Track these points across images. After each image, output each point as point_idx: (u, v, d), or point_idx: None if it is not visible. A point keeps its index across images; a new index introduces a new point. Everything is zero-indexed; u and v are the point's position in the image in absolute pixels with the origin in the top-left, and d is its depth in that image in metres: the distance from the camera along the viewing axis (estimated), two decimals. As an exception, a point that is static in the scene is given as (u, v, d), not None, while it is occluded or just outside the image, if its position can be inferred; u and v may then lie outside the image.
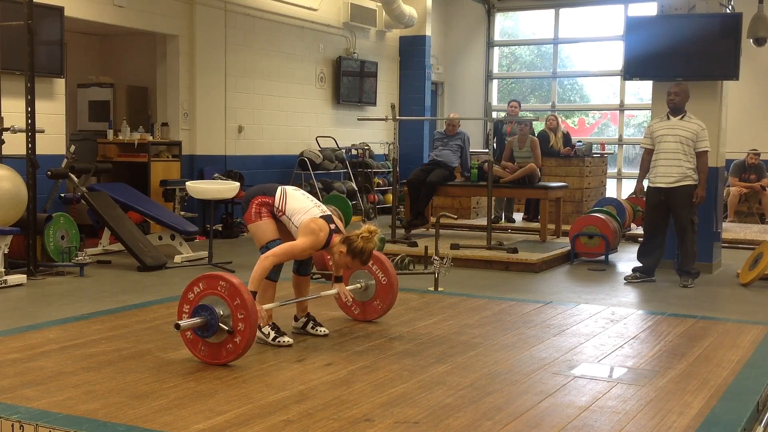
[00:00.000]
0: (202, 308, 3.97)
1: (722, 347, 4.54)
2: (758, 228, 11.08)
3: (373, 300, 5.00)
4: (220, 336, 3.97)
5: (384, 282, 4.94)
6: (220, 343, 3.99)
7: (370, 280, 4.96)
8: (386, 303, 4.99)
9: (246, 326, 3.91)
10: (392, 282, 4.94)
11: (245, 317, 3.90)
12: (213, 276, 4.03)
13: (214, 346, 4.01)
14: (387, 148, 14.20)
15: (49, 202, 8.62)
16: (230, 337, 3.94)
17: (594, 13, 15.68)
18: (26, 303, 6.38)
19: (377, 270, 4.93)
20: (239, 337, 3.93)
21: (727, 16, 8.19)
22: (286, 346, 4.36)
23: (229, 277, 3.99)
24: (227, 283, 3.95)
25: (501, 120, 11.32)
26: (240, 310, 3.90)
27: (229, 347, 3.98)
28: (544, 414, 3.36)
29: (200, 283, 4.03)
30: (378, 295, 4.97)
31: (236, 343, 3.94)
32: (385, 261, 4.95)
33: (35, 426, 3.10)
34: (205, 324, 3.95)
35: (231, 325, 3.93)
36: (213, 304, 3.95)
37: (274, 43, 11.82)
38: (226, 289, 3.95)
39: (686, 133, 7.28)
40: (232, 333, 3.93)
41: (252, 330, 3.94)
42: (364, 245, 4.37)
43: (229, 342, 3.97)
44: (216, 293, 3.97)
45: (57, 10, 8.64)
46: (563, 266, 8.53)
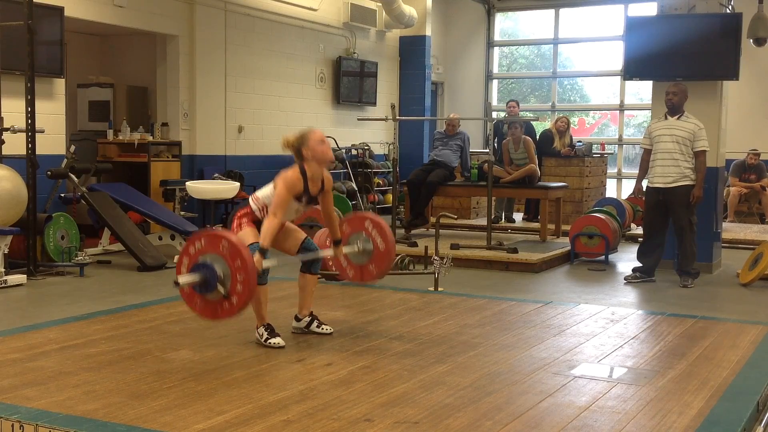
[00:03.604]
0: (201, 265, 3.94)
1: (722, 347, 4.53)
2: (758, 228, 11.08)
3: (368, 264, 4.97)
4: (217, 294, 3.95)
5: (381, 248, 4.91)
6: (217, 301, 3.98)
7: (368, 244, 4.94)
8: (381, 269, 4.97)
9: (244, 288, 3.89)
10: (389, 249, 4.91)
11: (244, 279, 3.88)
12: (215, 235, 4.01)
13: (210, 302, 3.99)
14: (387, 148, 14.19)
15: (49, 202, 8.62)
16: (228, 295, 3.93)
17: (594, 13, 15.67)
18: (26, 303, 6.38)
19: (376, 235, 4.91)
20: (236, 298, 3.92)
21: (727, 16, 8.19)
22: (278, 348, 4.33)
23: (231, 237, 3.96)
24: (229, 244, 3.93)
25: (501, 120, 11.32)
26: (239, 272, 3.89)
27: (225, 306, 3.96)
28: (544, 414, 3.36)
29: (201, 239, 4.01)
30: (374, 259, 4.95)
31: (233, 303, 3.94)
32: (385, 228, 4.92)
33: (35, 426, 3.10)
34: (204, 281, 3.93)
35: (229, 285, 3.91)
36: (213, 261, 3.93)
37: (274, 43, 11.82)
38: (228, 249, 3.92)
39: (683, 133, 7.28)
40: (229, 295, 3.91)
41: (250, 292, 3.92)
42: (293, 135, 4.42)
43: (225, 300, 3.95)
44: (217, 252, 3.95)
45: (57, 10, 8.64)
46: (563, 266, 8.53)
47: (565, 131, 11.61)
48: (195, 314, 4.08)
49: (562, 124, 11.63)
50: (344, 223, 4.96)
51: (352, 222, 4.95)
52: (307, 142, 4.43)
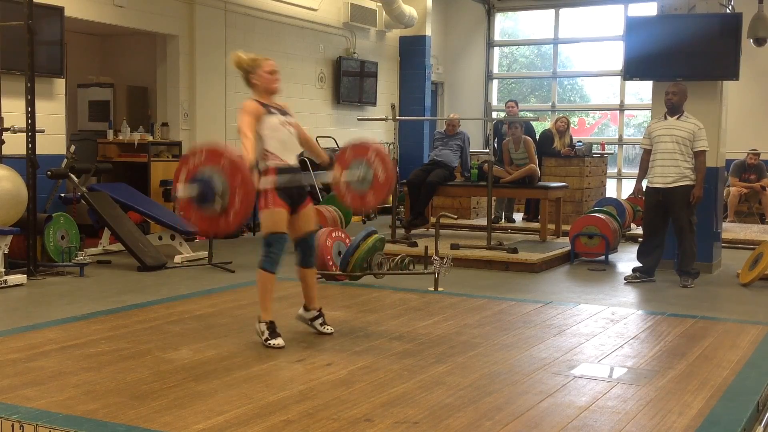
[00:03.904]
0: (200, 178, 3.94)
1: (722, 347, 4.53)
2: (758, 228, 11.08)
3: (367, 193, 4.97)
4: (216, 204, 3.96)
5: (381, 179, 4.93)
6: (214, 215, 3.99)
7: (369, 173, 4.95)
8: (378, 199, 4.99)
9: (242, 204, 3.91)
10: (389, 180, 4.93)
11: (243, 196, 3.90)
12: (216, 151, 4.01)
13: (206, 216, 4.01)
14: (387, 148, 14.17)
15: (49, 202, 8.62)
16: (225, 210, 3.95)
17: (594, 13, 15.67)
18: (26, 303, 6.38)
19: (378, 165, 4.92)
20: (233, 214, 3.93)
21: (727, 16, 8.19)
22: (278, 349, 4.32)
23: (233, 155, 3.97)
24: (230, 161, 3.94)
25: (501, 120, 11.32)
26: (239, 188, 3.90)
27: (221, 221, 3.98)
28: (544, 414, 3.36)
29: (202, 152, 4.01)
30: (373, 189, 4.96)
31: (230, 218, 3.95)
32: (387, 159, 4.93)
33: (35, 426, 3.10)
34: (202, 195, 3.93)
35: (227, 200, 3.92)
36: (212, 175, 3.93)
37: (274, 43, 11.82)
38: (228, 166, 3.93)
39: (683, 133, 7.28)
40: (225, 210, 3.92)
41: (247, 210, 3.95)
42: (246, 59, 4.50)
43: (222, 216, 3.97)
44: (216, 167, 3.95)
45: (57, 10, 8.64)
46: (563, 266, 8.53)
47: (565, 131, 11.60)
48: (191, 225, 4.11)
49: (562, 124, 11.62)
50: (349, 149, 4.95)
51: (356, 149, 4.94)
52: (256, 69, 4.47)
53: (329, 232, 6.90)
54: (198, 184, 3.94)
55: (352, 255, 6.37)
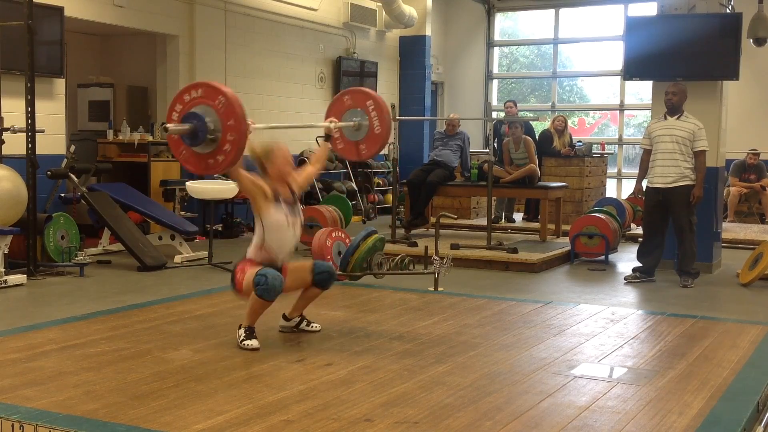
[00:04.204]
0: (193, 115, 3.89)
1: (722, 347, 4.53)
2: (758, 228, 11.08)
3: (360, 143, 4.94)
4: (204, 148, 3.93)
5: (377, 131, 4.89)
6: (202, 154, 3.96)
7: (364, 122, 4.90)
8: (371, 152, 4.97)
9: (233, 148, 3.88)
10: (384, 134, 4.91)
11: (234, 139, 3.87)
12: (214, 88, 3.97)
13: (196, 154, 3.99)
14: (387, 148, 14.18)
15: (49, 202, 8.62)
16: (214, 151, 3.91)
17: (594, 13, 15.68)
18: (26, 303, 6.38)
19: (375, 117, 4.87)
20: (222, 156, 3.90)
21: (727, 16, 8.19)
22: (252, 350, 4.27)
23: (230, 96, 3.93)
24: (226, 101, 3.89)
25: (501, 120, 11.32)
26: (231, 131, 3.87)
27: (210, 161, 3.95)
28: (544, 414, 3.36)
29: (199, 89, 3.96)
30: (366, 140, 4.92)
31: (218, 160, 3.93)
32: (385, 112, 4.90)
33: (35, 426, 3.10)
34: (193, 132, 3.90)
35: (218, 141, 3.89)
36: (205, 114, 3.89)
37: (274, 43, 11.82)
38: (224, 106, 3.88)
39: (683, 133, 7.28)
40: (215, 151, 3.90)
41: (237, 153, 3.92)
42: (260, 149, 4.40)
43: (211, 156, 3.93)
44: (212, 105, 3.91)
45: (57, 10, 8.64)
46: (563, 266, 8.53)
47: (564, 130, 11.61)
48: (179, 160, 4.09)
49: (560, 123, 11.64)
50: (348, 94, 4.92)
51: (354, 95, 4.91)
52: (269, 156, 4.41)
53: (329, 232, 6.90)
54: (190, 122, 3.89)
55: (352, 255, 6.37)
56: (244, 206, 10.84)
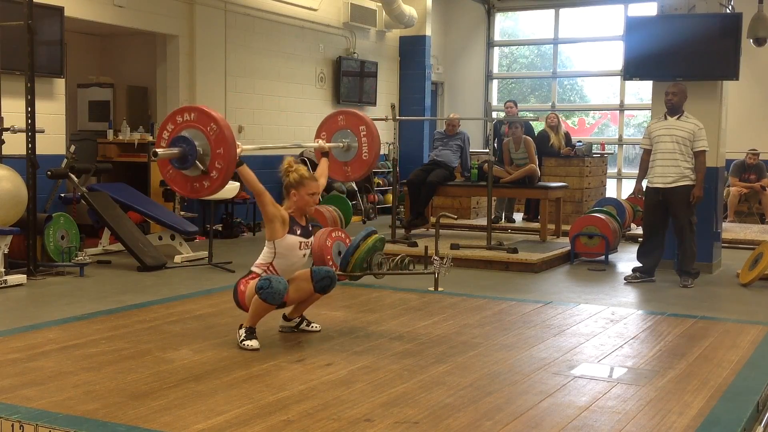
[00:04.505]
0: (183, 139, 3.91)
1: (722, 347, 4.53)
2: (758, 228, 11.08)
3: (346, 164, 5.01)
4: (191, 171, 3.96)
5: (364, 157, 4.96)
6: (189, 176, 4.00)
7: (354, 144, 4.95)
8: (356, 175, 5.09)
9: (219, 175, 3.94)
10: (371, 161, 5.00)
11: (222, 167, 3.91)
12: (207, 114, 3.99)
13: (183, 175, 4.03)
14: (387, 148, 14.18)
15: (49, 202, 8.62)
16: (201, 176, 3.95)
17: (594, 13, 15.68)
18: (26, 303, 6.38)
19: (365, 143, 4.92)
20: (208, 182, 3.95)
21: (727, 16, 8.19)
22: (252, 350, 4.27)
23: (222, 124, 3.96)
24: (218, 129, 3.92)
25: (501, 120, 11.32)
26: (219, 159, 3.91)
27: (195, 185, 4.00)
28: (544, 414, 3.36)
29: (192, 113, 3.99)
30: (353, 163, 4.99)
31: (204, 185, 3.97)
32: (376, 140, 4.95)
33: (35, 426, 3.10)
34: (183, 156, 3.92)
35: (206, 167, 3.93)
36: (196, 139, 3.91)
37: (274, 43, 11.82)
38: (215, 133, 3.91)
39: (683, 133, 7.28)
40: (206, 173, 3.94)
41: (224, 180, 3.98)
42: (296, 176, 4.40)
43: (197, 180, 3.97)
44: (203, 131, 3.94)
45: (57, 10, 8.64)
46: (563, 266, 8.53)
47: (557, 125, 11.64)
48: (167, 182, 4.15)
49: (553, 119, 11.67)
50: (342, 115, 4.98)
51: (349, 118, 4.97)
52: (300, 188, 4.42)
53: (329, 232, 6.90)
54: (179, 145, 3.91)
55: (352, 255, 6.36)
56: (244, 206, 10.84)
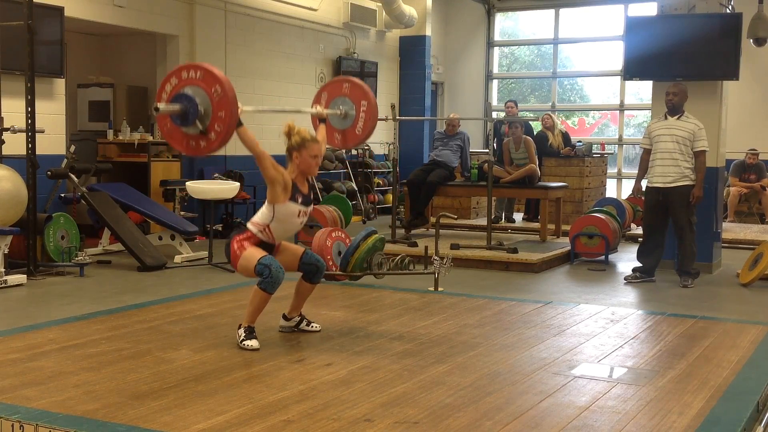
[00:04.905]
0: (185, 97, 3.91)
1: (722, 347, 4.53)
2: (758, 228, 11.08)
3: (337, 131, 4.99)
4: (191, 130, 3.96)
5: (357, 132, 4.94)
6: (188, 135, 4.00)
7: (351, 113, 4.94)
8: (344, 145, 5.06)
9: (217, 138, 3.94)
10: (362, 137, 4.98)
11: (221, 131, 3.92)
12: (213, 76, 3.98)
13: (181, 132, 4.02)
14: (387, 148, 14.19)
15: (49, 202, 8.62)
16: (198, 135, 3.96)
17: (594, 13, 15.68)
18: (26, 303, 6.38)
19: (362, 119, 4.91)
20: (205, 143, 3.95)
21: (727, 16, 8.19)
22: (252, 350, 4.27)
23: (227, 87, 3.95)
24: (222, 92, 3.92)
25: (501, 120, 11.33)
26: (219, 122, 3.91)
27: (192, 143, 4.00)
28: (544, 414, 3.36)
29: (198, 72, 3.98)
30: (345, 133, 4.98)
31: (200, 145, 3.98)
32: (374, 119, 4.94)
33: (35, 426, 3.10)
34: (184, 114, 3.92)
35: (206, 126, 3.93)
36: (199, 99, 3.91)
37: (274, 43, 11.82)
38: (219, 96, 3.91)
39: (683, 133, 7.28)
40: (205, 133, 3.93)
41: (221, 143, 3.98)
42: (298, 138, 4.38)
43: (194, 139, 3.97)
44: (207, 92, 3.94)
45: (57, 10, 8.64)
46: (563, 266, 8.53)
47: (553, 126, 11.64)
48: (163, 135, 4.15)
49: (548, 119, 11.67)
50: (349, 84, 4.95)
51: (354, 89, 4.93)
52: (302, 150, 4.41)
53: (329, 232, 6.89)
54: (181, 102, 3.90)
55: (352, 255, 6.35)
56: (244, 206, 10.84)
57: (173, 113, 3.95)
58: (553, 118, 11.93)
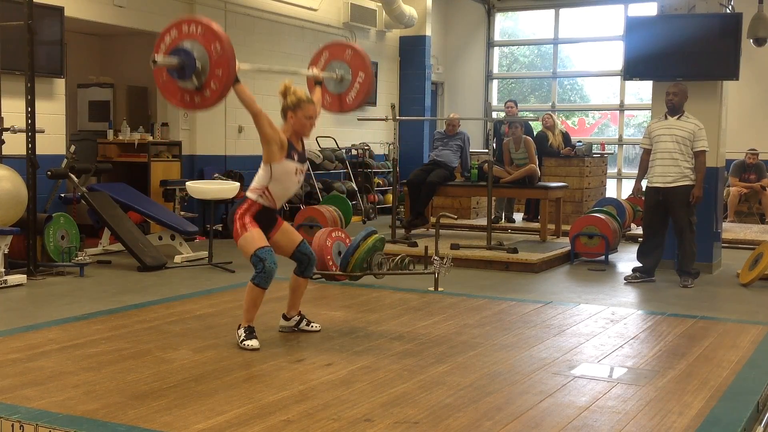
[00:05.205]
0: (184, 51, 3.90)
1: (722, 347, 4.53)
2: (758, 228, 11.08)
3: (328, 94, 4.97)
4: (186, 84, 3.95)
5: (348, 100, 4.94)
6: (184, 89, 3.99)
7: (347, 78, 4.91)
8: (331, 109, 5.04)
9: (212, 95, 3.93)
10: (351, 106, 4.97)
11: (216, 89, 3.91)
12: (214, 33, 3.96)
13: (176, 85, 4.01)
14: (387, 148, 14.19)
15: (49, 202, 8.62)
16: (193, 91, 3.95)
17: (594, 13, 15.68)
18: (26, 303, 6.38)
19: (356, 89, 4.89)
20: (199, 98, 3.95)
21: (727, 16, 8.19)
22: (252, 350, 4.27)
23: (227, 47, 3.94)
24: (221, 50, 3.91)
25: (501, 120, 11.33)
26: (216, 80, 3.91)
27: (186, 97, 3.99)
28: (544, 414, 3.36)
29: (199, 27, 3.96)
30: (335, 98, 4.97)
31: (195, 101, 3.97)
32: (367, 92, 4.92)
33: (35, 426, 3.10)
34: (181, 68, 3.90)
35: (202, 82, 3.91)
36: (197, 54, 3.90)
37: (274, 43, 11.82)
38: (218, 54, 3.91)
39: (683, 133, 7.28)
40: (200, 89, 3.92)
41: (216, 100, 3.97)
42: (293, 98, 4.37)
43: (188, 93, 3.96)
44: (206, 49, 3.92)
45: (57, 10, 8.64)
46: (563, 266, 8.53)
47: (554, 126, 11.64)
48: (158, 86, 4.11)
49: (548, 119, 11.66)
50: (352, 51, 4.93)
51: (356, 58, 4.91)
52: (296, 110, 4.41)
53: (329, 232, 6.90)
54: (179, 56, 3.89)
55: (352, 255, 6.37)
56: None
57: (170, 66, 3.93)
58: (554, 117, 11.95)
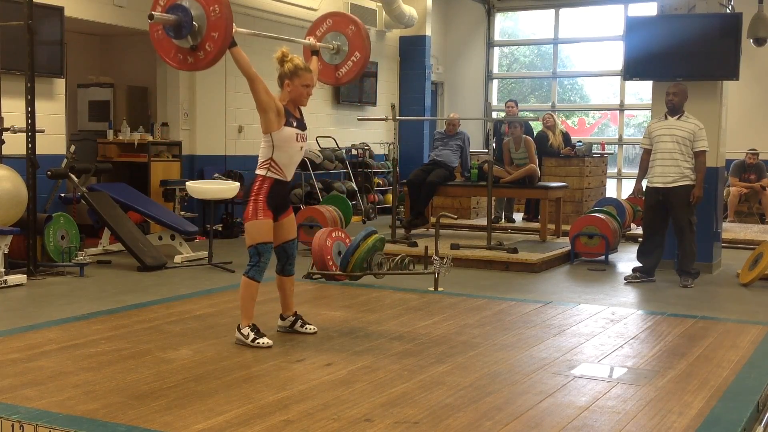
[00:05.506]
0: (181, 8, 3.90)
1: (722, 347, 4.53)
2: (758, 228, 11.08)
3: (321, 65, 4.98)
4: (182, 43, 3.96)
5: (338, 75, 4.98)
6: (179, 48, 4.00)
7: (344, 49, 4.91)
8: (322, 80, 5.04)
9: (206, 56, 3.96)
10: (341, 81, 5.00)
11: (211, 51, 3.93)
12: None
13: (171, 42, 4.01)
14: (387, 148, 14.19)
15: (49, 202, 8.62)
16: (187, 50, 3.97)
17: (594, 13, 15.68)
18: (26, 303, 6.38)
19: (349, 66, 4.91)
20: (192, 59, 3.97)
21: (727, 16, 8.19)
22: (266, 348, 4.28)
23: (225, 10, 3.96)
24: (219, 12, 3.93)
25: (501, 120, 11.33)
26: (211, 42, 3.93)
27: (179, 56, 4.00)
28: (544, 414, 3.36)
29: None
30: (328, 69, 4.99)
31: (188, 60, 3.99)
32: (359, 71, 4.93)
33: (35, 426, 3.10)
34: (177, 26, 3.91)
35: (198, 41, 3.93)
36: (194, 11, 3.91)
37: (275, 43, 11.77)
38: (216, 16, 3.93)
39: (683, 133, 7.28)
40: (195, 49, 3.94)
41: (209, 63, 4.00)
42: (290, 65, 4.41)
43: (182, 52, 3.97)
44: (204, 9, 3.94)
45: (57, 10, 8.65)
46: (563, 266, 8.53)
47: (554, 125, 11.64)
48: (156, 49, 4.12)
49: (549, 119, 11.67)
50: (355, 27, 4.91)
51: (356, 37, 4.91)
52: (294, 79, 4.40)
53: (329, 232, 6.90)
54: (177, 14, 3.89)
55: (352, 255, 6.37)
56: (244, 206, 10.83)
57: (167, 23, 3.93)
58: (555, 117, 11.95)
